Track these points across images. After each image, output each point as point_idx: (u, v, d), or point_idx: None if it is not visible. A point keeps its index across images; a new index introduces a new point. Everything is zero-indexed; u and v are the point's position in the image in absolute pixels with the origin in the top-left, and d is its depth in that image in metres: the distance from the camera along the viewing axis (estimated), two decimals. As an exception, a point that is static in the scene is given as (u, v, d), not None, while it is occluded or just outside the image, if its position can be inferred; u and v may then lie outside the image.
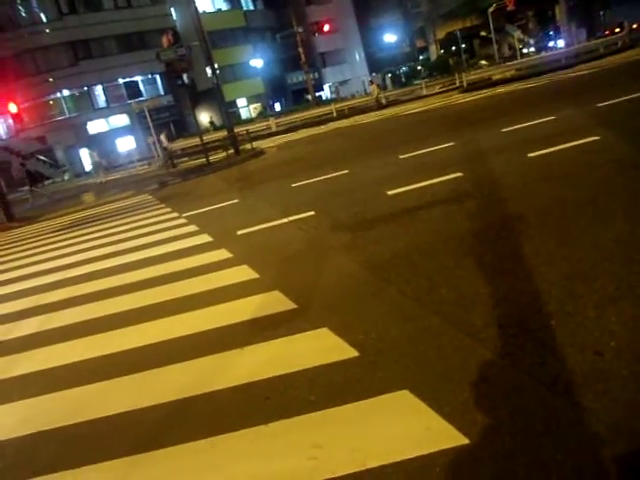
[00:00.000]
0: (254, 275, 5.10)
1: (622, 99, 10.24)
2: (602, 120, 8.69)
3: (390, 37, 65.62)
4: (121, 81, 46.31)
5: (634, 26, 42.74)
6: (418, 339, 3.16)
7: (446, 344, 3.04)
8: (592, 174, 5.84)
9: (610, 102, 10.23)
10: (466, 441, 2.24)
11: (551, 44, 49.66)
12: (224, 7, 50.42)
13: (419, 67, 57.79)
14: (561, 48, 36.76)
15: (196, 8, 20.43)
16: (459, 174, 7.15)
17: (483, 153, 8.48)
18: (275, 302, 4.27)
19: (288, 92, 54.21)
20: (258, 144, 23.70)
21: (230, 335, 3.86)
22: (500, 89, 23.19)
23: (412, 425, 2.45)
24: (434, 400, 2.55)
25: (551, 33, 55.16)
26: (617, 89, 11.55)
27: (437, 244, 4.69)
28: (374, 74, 48.46)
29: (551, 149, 7.27)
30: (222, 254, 6.13)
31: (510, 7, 42.70)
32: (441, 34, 69.66)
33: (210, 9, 47.72)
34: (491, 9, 43.21)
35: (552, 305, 3.18)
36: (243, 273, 5.22)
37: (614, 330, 2.79)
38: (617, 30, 36.30)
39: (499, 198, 5.69)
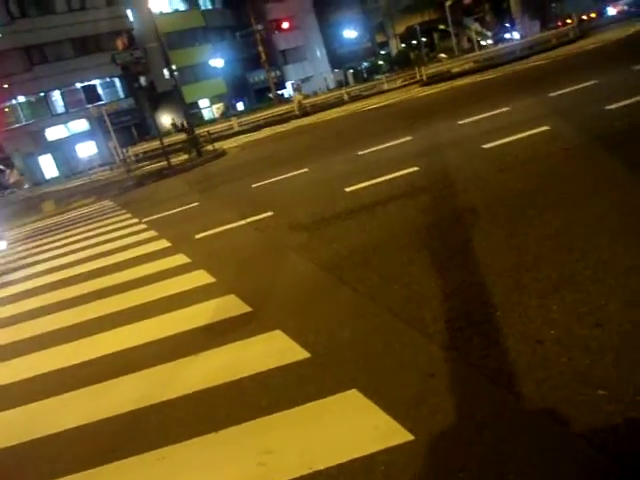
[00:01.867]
0: (210, 279, 5.06)
1: (572, 88, 10.49)
2: (553, 110, 8.89)
3: (350, 33, 65.85)
4: (79, 85, 45.18)
5: (583, 17, 43.97)
6: (369, 337, 3.18)
7: (396, 341, 3.06)
8: (542, 164, 5.97)
9: (561, 92, 10.47)
10: (412, 437, 2.27)
11: (507, 36, 50.59)
12: (182, 7, 49.73)
13: (380, 62, 58.16)
14: (517, 40, 37.48)
15: (150, 10, 20.12)
16: (416, 168, 7.23)
17: (440, 146, 8.58)
18: (230, 306, 4.25)
19: (250, 91, 53.86)
20: (220, 145, 23.49)
21: (185, 342, 3.83)
22: (459, 82, 23.52)
23: (360, 425, 2.46)
24: (382, 398, 2.56)
25: (507, 25, 56.18)
26: (568, 79, 11.83)
27: (392, 240, 4.73)
28: (297, 81, 48.54)
29: (505, 140, 7.41)
30: (180, 259, 6.06)
31: (466, 1, 43.41)
32: (401, 28, 70.26)
33: (167, 10, 46.96)
34: (449, 3, 43.74)
35: (498, 296, 3.24)
36: (200, 278, 5.18)
37: (555, 318, 2.85)
38: (568, 21, 37.21)
39: (453, 191, 5.77)
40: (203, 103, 50.57)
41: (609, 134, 6.39)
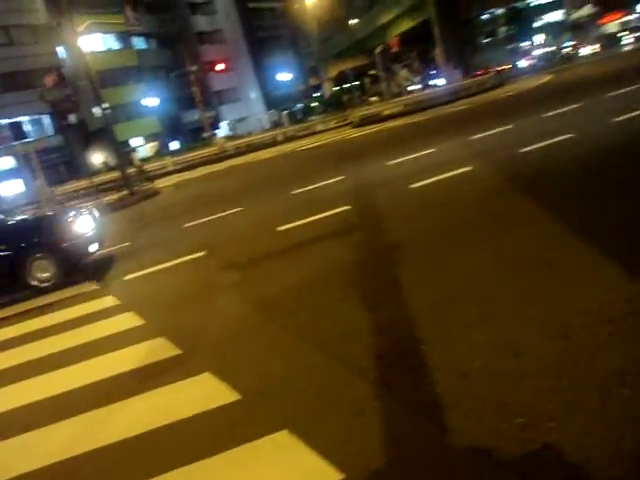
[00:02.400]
0: (140, 322, 4.91)
1: (491, 132, 11.18)
2: (475, 152, 9.42)
3: (285, 75, 67.50)
4: (6, 122, 43.39)
5: (499, 68, 47.50)
6: (299, 376, 3.17)
7: (326, 379, 3.07)
8: (465, 202, 6.28)
9: (481, 135, 11.13)
10: (342, 476, 2.26)
11: (433, 82, 53.47)
12: (115, 46, 49.26)
13: (314, 104, 59.69)
14: (442, 86, 39.67)
15: (80, 48, 19.80)
16: (347, 207, 7.40)
17: (370, 186, 8.85)
18: (160, 349, 4.12)
19: (185, 130, 53.58)
20: (154, 184, 23.09)
21: (113, 388, 3.67)
22: (389, 124, 24.47)
23: (291, 466, 2.43)
24: (313, 437, 2.55)
25: (433, 72, 59.44)
26: (487, 123, 12.60)
27: (323, 278, 4.78)
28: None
29: (430, 180, 7.75)
30: (109, 301, 5.85)
31: (395, 49, 45.72)
32: (333, 72, 72.84)
33: (101, 48, 46.35)
34: (378, 50, 45.92)
35: (426, 330, 3.33)
36: (129, 320, 5.01)
37: (478, 349, 2.97)
38: (490, 70, 40.00)
39: (382, 229, 5.94)
40: (136, 142, 49.75)
41: (523, 174, 6.84)
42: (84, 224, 7.11)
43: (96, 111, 21.16)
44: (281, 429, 2.67)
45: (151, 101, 46.73)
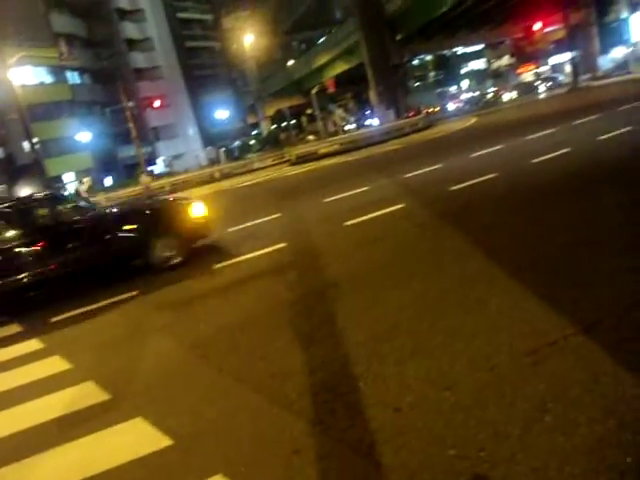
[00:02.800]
0: (66, 366, 4.68)
1: (423, 171, 11.66)
2: (408, 189, 9.77)
3: (222, 113, 67.82)
4: None
5: (430, 110, 50.04)
6: (234, 418, 3.12)
7: (261, 419, 3.03)
8: (398, 239, 6.48)
9: (414, 173, 11.58)
10: (276, 520, 2.22)
11: (368, 122, 55.34)
12: (48, 80, 47.90)
13: (251, 141, 60.15)
14: (376, 126, 41.10)
15: (10, 81, 19.20)
16: (283, 244, 7.44)
17: (306, 223, 8.96)
18: (87, 394, 3.94)
19: (120, 166, 52.41)
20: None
21: (33, 438, 3.46)
22: (325, 162, 24.97)
23: (224, 512, 2.36)
24: (247, 481, 2.50)
25: (368, 112, 61.58)
26: (419, 162, 13.14)
27: (259, 316, 4.76)
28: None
29: (365, 217, 7.94)
30: (32, 345, 5.54)
31: (330, 90, 47.14)
32: (271, 111, 73.96)
33: (32, 81, 44.92)
34: (314, 90, 47.19)
35: (359, 367, 3.37)
36: (54, 365, 4.76)
37: (411, 385, 3.03)
38: (422, 112, 41.98)
39: (318, 266, 6.00)
40: (68, 177, 48.06)
41: (452, 212, 7.16)
42: (198, 210, 7.85)
43: (25, 145, 20.36)
44: (215, 474, 2.61)
45: (84, 136, 45.47)
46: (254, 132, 73.65)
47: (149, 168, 47.83)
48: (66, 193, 12.17)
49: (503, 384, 2.82)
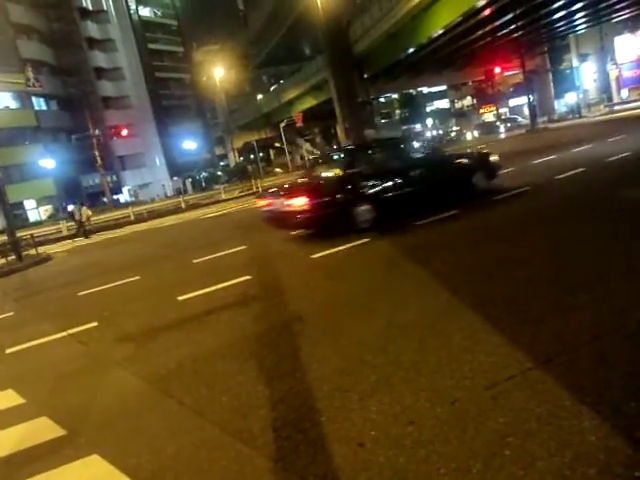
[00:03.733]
0: (19, 400, 4.50)
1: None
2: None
3: (190, 144, 67.96)
4: None
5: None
6: (195, 454, 3.04)
7: (222, 456, 2.97)
8: (364, 272, 6.56)
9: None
10: None
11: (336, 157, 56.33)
12: (13, 105, 47.16)
13: (219, 173, 60.20)
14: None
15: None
16: (248, 277, 7.40)
17: (272, 256, 8.97)
18: (41, 430, 3.78)
19: (83, 194, 51.52)
20: (46, 249, 21.69)
21: (-21, 479, 3.28)
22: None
23: None
24: (206, 520, 2.43)
25: (335, 147, 62.67)
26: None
27: (222, 350, 4.69)
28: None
29: (331, 250, 8.01)
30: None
31: (299, 124, 47.95)
32: (239, 143, 74.46)
33: (-4, 106, 44.28)
34: (282, 124, 47.87)
35: (323, 401, 3.35)
36: (6, 399, 4.57)
37: (374, 419, 3.03)
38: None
39: (283, 299, 5.99)
40: (29, 204, 46.94)
41: (419, 246, 7.27)
42: (494, 157, 11.03)
43: (-15, 171, 19.84)
44: (173, 514, 2.53)
45: (48, 163, 44.69)
46: (222, 163, 73.80)
47: (115, 197, 47.27)
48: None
49: (464, 418, 2.85)
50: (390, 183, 9.34)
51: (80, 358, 5.47)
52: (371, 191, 9.18)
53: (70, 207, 26.80)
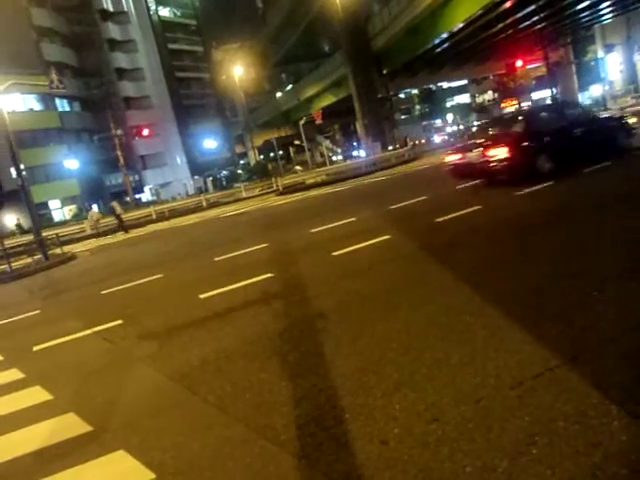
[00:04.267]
0: (47, 397, 4.59)
1: (409, 202, 11.79)
2: (393, 220, 9.87)
3: (211, 143, 68.33)
4: None
5: (415, 142, 50.98)
6: (219, 450, 3.07)
7: (247, 452, 2.99)
8: (384, 269, 6.52)
9: (400, 204, 11.70)
10: None
11: (355, 153, 56.06)
12: (37, 107, 48.00)
13: (239, 171, 60.43)
14: (362, 157, 41.63)
15: (0, 108, 19.23)
16: (270, 275, 7.42)
17: (293, 253, 8.98)
18: (69, 426, 3.86)
19: (106, 194, 52.25)
20: (71, 248, 22.09)
21: (12, 471, 3.38)
22: (312, 192, 25.17)
23: None
24: (231, 516, 2.45)
25: (355, 144, 62.45)
26: (404, 193, 13.29)
27: (245, 347, 4.72)
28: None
29: (351, 248, 7.98)
30: (12, 375, 5.43)
31: (318, 121, 47.79)
32: (259, 141, 74.60)
33: (21, 108, 44.97)
34: (302, 122, 47.81)
35: (346, 399, 3.35)
36: (35, 395, 4.66)
37: (397, 417, 3.02)
38: (407, 144, 42.72)
39: (305, 297, 6.00)
40: (54, 204, 47.77)
41: (438, 242, 7.23)
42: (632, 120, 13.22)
43: (12, 171, 20.23)
44: (198, 510, 2.56)
45: (71, 163, 45.41)
46: (242, 162, 74.12)
47: (137, 196, 47.81)
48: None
49: (489, 417, 2.82)
50: (560, 138, 11.05)
51: (105, 355, 5.56)
52: (547, 144, 10.89)
53: (112, 203, 27.54)
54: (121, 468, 3.13)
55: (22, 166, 19.28)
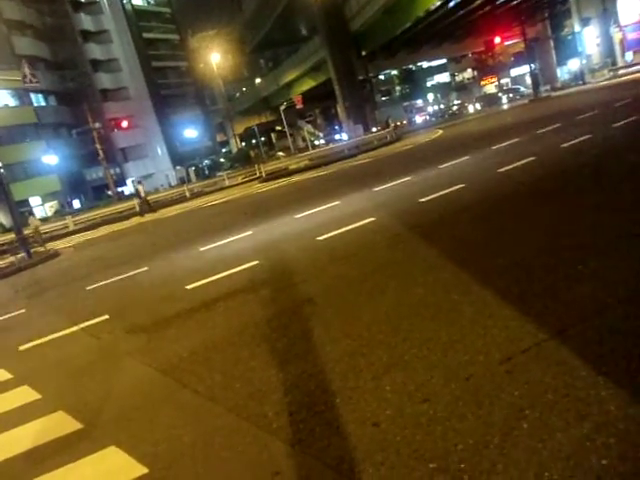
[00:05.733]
0: (35, 396, 4.54)
1: (392, 184, 11.78)
2: (377, 203, 9.85)
3: (191, 132, 67.57)
4: None
5: (397, 123, 50.86)
6: (211, 441, 3.05)
7: (239, 441, 2.97)
8: (370, 252, 6.51)
9: (382, 187, 11.69)
10: None
11: (337, 137, 55.86)
12: (12, 103, 47.02)
13: (221, 159, 59.96)
14: (345, 140, 41.49)
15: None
16: (256, 262, 7.39)
17: (278, 240, 8.93)
18: (58, 424, 3.82)
19: (88, 188, 51.57)
20: (54, 245, 21.83)
21: (1, 474, 3.32)
22: (295, 178, 25.05)
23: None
24: (225, 507, 2.44)
25: (336, 127, 62.16)
26: (387, 175, 13.28)
27: (233, 336, 4.69)
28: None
29: (336, 232, 7.96)
30: (0, 375, 5.35)
31: (299, 106, 47.46)
32: (240, 129, 74.03)
33: (-5, 105, 44.15)
34: (282, 107, 47.46)
35: (337, 383, 3.34)
36: (23, 395, 4.61)
37: (388, 398, 3.02)
38: (389, 126, 42.62)
39: (292, 283, 5.97)
40: (35, 201, 47.06)
41: (423, 223, 7.23)
42: None
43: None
44: (192, 501, 2.54)
45: (50, 159, 44.68)
46: (224, 150, 73.51)
47: (119, 189, 47.24)
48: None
49: (479, 393, 2.82)
50: None
51: (93, 351, 5.50)
52: None
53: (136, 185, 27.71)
54: (113, 464, 3.11)
55: (0, 164, 18.93)
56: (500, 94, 58.47)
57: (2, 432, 3.94)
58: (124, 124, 44.17)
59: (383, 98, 72.81)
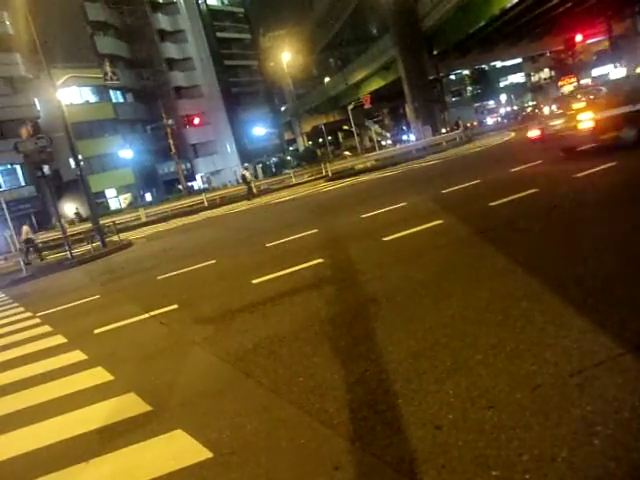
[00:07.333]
0: (108, 377, 4.80)
1: (461, 186, 11.54)
2: (445, 205, 9.68)
3: (260, 130, 68.92)
4: (-24, 171, 42.84)
5: (468, 124, 49.60)
6: (273, 432, 3.12)
7: (300, 434, 3.03)
8: (436, 255, 6.42)
9: (451, 189, 11.47)
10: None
11: (405, 137, 55.25)
12: (92, 99, 49.85)
13: (288, 157, 60.76)
14: (412, 141, 41.00)
15: (59, 101, 20.05)
16: (320, 260, 7.46)
17: (343, 239, 8.97)
18: (129, 405, 4.02)
19: (159, 182, 53.76)
20: (127, 235, 22.95)
21: (76, 447, 3.55)
22: (361, 177, 25.02)
23: (264, 527, 2.36)
24: (286, 496, 2.50)
25: (404, 128, 61.50)
26: (457, 178, 13.02)
27: (297, 332, 4.77)
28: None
29: (403, 233, 7.90)
30: (75, 356, 5.70)
31: (367, 105, 47.32)
32: (307, 127, 74.73)
33: (77, 100, 46.83)
34: (350, 106, 47.47)
35: (399, 384, 3.33)
36: (97, 376, 4.89)
37: (451, 403, 2.98)
38: (458, 127, 41.68)
39: (356, 282, 5.99)
40: (110, 193, 49.64)
41: (492, 227, 7.05)
42: None
43: (71, 162, 21.15)
44: (254, 488, 2.62)
45: (126, 153, 46.97)
46: (291, 148, 74.47)
47: (189, 184, 48.88)
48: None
49: (547, 405, 2.74)
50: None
51: (163, 338, 5.75)
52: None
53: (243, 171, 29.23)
54: (179, 446, 3.24)
55: (80, 157, 20.09)
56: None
57: (78, 409, 4.19)
58: (196, 121, 45.57)
59: (453, 99, 71.31)
